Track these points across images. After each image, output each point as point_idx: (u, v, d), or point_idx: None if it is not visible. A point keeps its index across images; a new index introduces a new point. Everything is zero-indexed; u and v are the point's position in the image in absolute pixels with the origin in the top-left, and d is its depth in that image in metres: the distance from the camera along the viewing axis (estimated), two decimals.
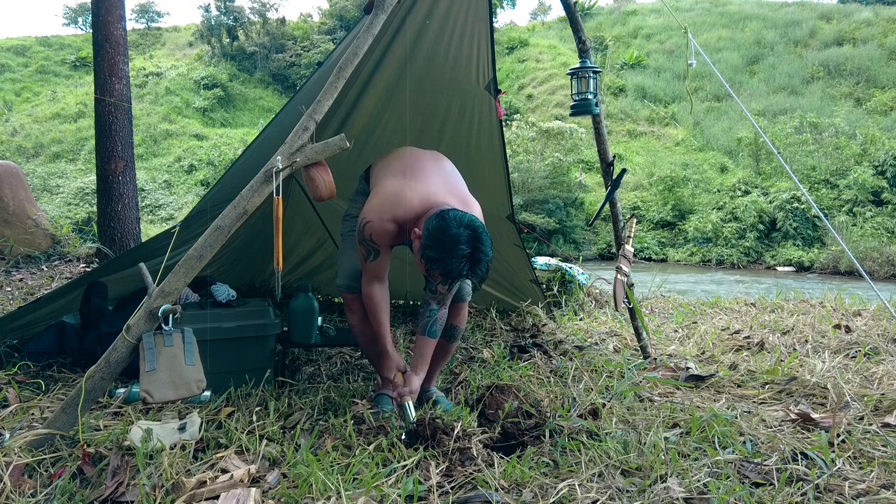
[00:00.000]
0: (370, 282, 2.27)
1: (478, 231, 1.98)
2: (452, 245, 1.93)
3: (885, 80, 22.72)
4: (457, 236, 1.94)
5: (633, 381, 2.69)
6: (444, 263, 1.95)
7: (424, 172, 2.26)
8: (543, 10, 42.91)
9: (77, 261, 5.71)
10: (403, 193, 2.14)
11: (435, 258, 1.96)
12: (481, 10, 2.89)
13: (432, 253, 1.96)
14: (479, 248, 1.96)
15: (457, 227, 1.95)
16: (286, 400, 2.41)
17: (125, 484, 1.67)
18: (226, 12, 33.85)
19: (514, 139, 19.68)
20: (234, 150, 22.90)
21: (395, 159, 2.36)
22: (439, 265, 1.97)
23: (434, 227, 1.98)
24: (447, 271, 1.96)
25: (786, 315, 4.38)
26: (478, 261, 1.97)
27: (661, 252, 18.03)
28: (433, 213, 2.05)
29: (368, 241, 2.17)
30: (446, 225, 1.96)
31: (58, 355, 2.84)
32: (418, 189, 2.16)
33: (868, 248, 14.40)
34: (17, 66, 31.27)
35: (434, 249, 1.96)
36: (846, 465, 1.84)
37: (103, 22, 5.11)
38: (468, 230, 1.96)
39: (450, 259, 1.94)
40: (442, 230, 1.96)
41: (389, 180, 2.23)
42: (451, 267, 1.95)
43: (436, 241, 1.96)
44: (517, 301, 4.36)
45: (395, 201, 2.14)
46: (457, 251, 1.93)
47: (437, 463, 1.83)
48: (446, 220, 1.97)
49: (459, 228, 1.95)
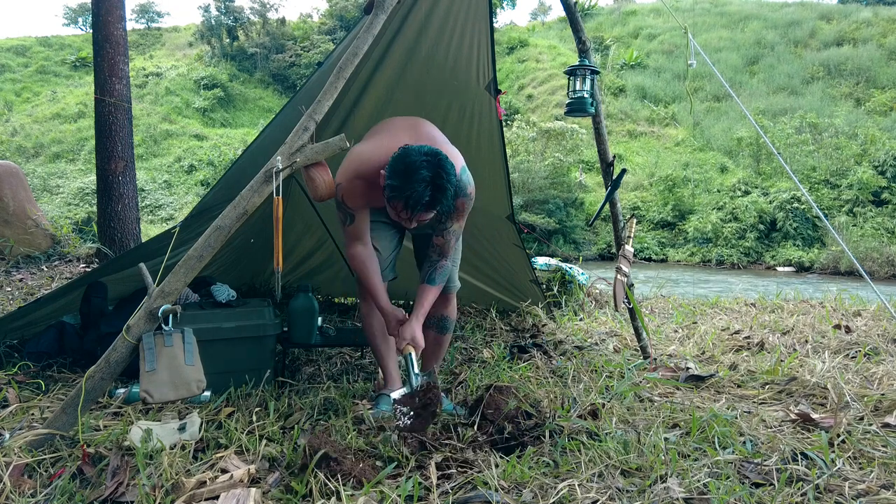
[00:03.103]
0: (352, 244, 2.29)
1: (439, 157, 1.92)
2: (413, 171, 1.88)
3: (885, 80, 22.73)
4: (416, 163, 1.89)
5: (633, 381, 2.69)
6: (403, 190, 1.90)
7: (393, 129, 2.25)
8: (543, 11, 42.95)
9: (77, 261, 5.71)
10: (365, 150, 2.19)
11: (396, 186, 1.91)
12: (481, 11, 2.89)
13: (394, 181, 1.92)
14: (440, 175, 1.90)
15: (417, 154, 1.91)
16: (286, 400, 2.41)
17: (125, 484, 1.67)
18: (226, 12, 33.86)
19: (514, 139, 19.69)
20: (234, 151, 22.91)
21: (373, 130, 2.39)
22: (399, 193, 1.91)
23: (395, 157, 1.95)
24: (407, 198, 1.90)
25: (786, 315, 4.38)
26: (440, 188, 1.90)
27: (661, 252, 18.03)
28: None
29: (342, 204, 2.21)
30: (406, 153, 1.93)
31: (58, 355, 2.84)
32: (384, 144, 2.13)
33: (868, 248, 14.40)
34: (18, 67, 31.28)
35: (395, 178, 1.92)
36: (846, 466, 1.84)
37: (103, 22, 5.12)
38: (428, 157, 1.91)
39: (409, 185, 1.89)
40: (401, 159, 1.92)
41: (358, 145, 2.28)
42: (410, 192, 1.89)
43: (395, 170, 1.92)
44: (517, 301, 4.36)
45: (358, 159, 2.17)
46: (417, 176, 1.88)
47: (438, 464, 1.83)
48: (407, 150, 1.94)
49: (419, 156, 1.91)
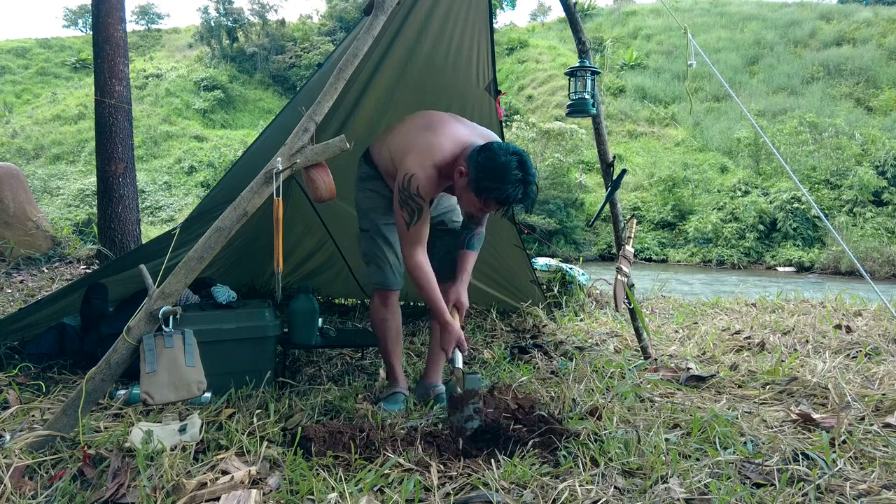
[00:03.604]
0: (415, 251, 2.26)
1: (523, 156, 2.10)
2: (505, 171, 2.04)
3: (885, 80, 22.73)
4: (507, 163, 2.05)
5: (634, 381, 2.69)
6: (500, 191, 2.06)
7: (444, 122, 2.33)
8: (543, 11, 43.00)
9: (77, 262, 5.71)
10: (435, 140, 2.22)
11: (491, 187, 2.06)
12: (481, 11, 2.89)
13: (489, 183, 2.06)
14: (528, 171, 2.08)
15: (505, 154, 2.06)
16: (287, 401, 2.41)
17: (126, 485, 1.67)
18: (225, 14, 33.88)
19: (514, 140, 19.68)
20: (234, 152, 22.93)
21: (408, 122, 2.41)
22: (496, 193, 2.07)
23: (484, 158, 2.08)
24: (504, 197, 2.07)
25: (786, 315, 4.37)
26: (528, 182, 2.08)
27: (662, 252, 18.04)
28: (472, 149, 2.15)
29: (415, 195, 2.18)
30: (495, 154, 2.07)
31: (58, 357, 2.84)
32: (447, 134, 2.25)
33: (868, 248, 14.41)
34: (18, 68, 31.32)
35: (489, 180, 2.06)
36: (847, 466, 1.84)
37: (103, 24, 5.12)
38: (516, 156, 2.07)
39: (505, 185, 2.05)
40: (492, 160, 2.06)
41: (413, 135, 2.29)
42: (507, 193, 2.06)
43: (488, 171, 2.06)
44: (517, 302, 4.36)
45: (430, 149, 2.21)
46: (510, 176, 2.04)
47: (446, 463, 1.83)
48: (493, 150, 2.08)
49: (507, 156, 2.06)
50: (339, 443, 1.94)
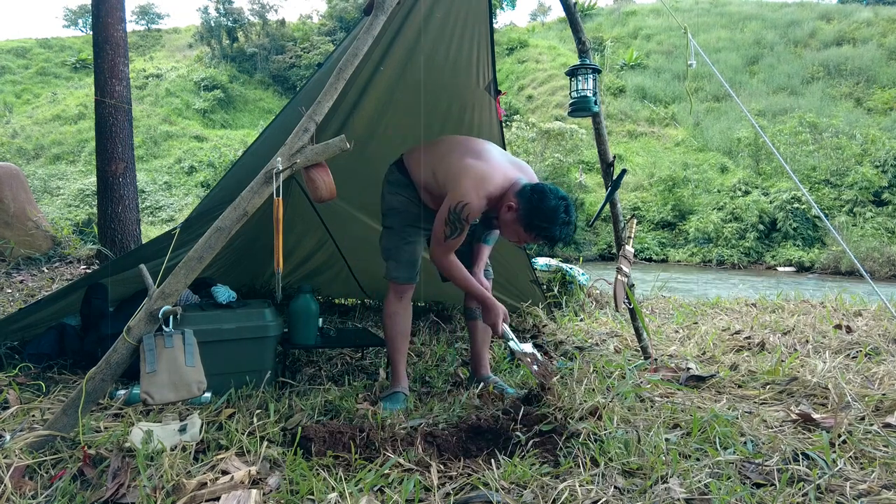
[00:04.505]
0: (447, 255, 2.46)
1: (569, 201, 2.36)
2: (555, 214, 2.30)
3: (885, 80, 22.72)
4: (557, 207, 2.30)
5: (634, 381, 2.68)
6: (549, 230, 2.31)
7: (488, 152, 2.50)
8: (543, 11, 42.99)
9: (77, 262, 5.71)
10: (489, 171, 2.38)
11: (542, 227, 2.31)
12: (481, 11, 2.89)
13: (540, 223, 2.31)
14: (571, 215, 2.35)
15: (555, 199, 2.31)
16: (287, 401, 2.41)
17: (126, 485, 1.67)
18: (225, 14, 33.87)
19: (514, 140, 19.69)
20: (234, 152, 22.93)
21: (452, 145, 2.55)
22: (546, 232, 2.32)
23: (537, 199, 2.31)
24: (552, 236, 2.32)
25: (786, 315, 4.37)
26: (572, 227, 2.36)
27: (662, 252, 18.03)
28: (522, 186, 2.36)
29: (464, 220, 2.35)
30: (546, 197, 2.31)
31: (58, 357, 2.84)
32: (497, 167, 2.43)
33: (869, 248, 14.40)
34: (18, 68, 31.31)
35: (540, 220, 2.30)
36: (847, 466, 1.83)
37: (103, 24, 5.12)
38: (563, 201, 2.33)
39: (553, 227, 2.30)
40: (543, 202, 2.30)
41: (465, 162, 2.41)
42: (555, 233, 2.31)
43: (539, 211, 2.30)
44: (518, 302, 4.36)
45: (485, 180, 2.36)
46: (558, 219, 2.30)
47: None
48: (545, 193, 2.31)
49: (557, 200, 2.31)
50: (339, 443, 1.95)
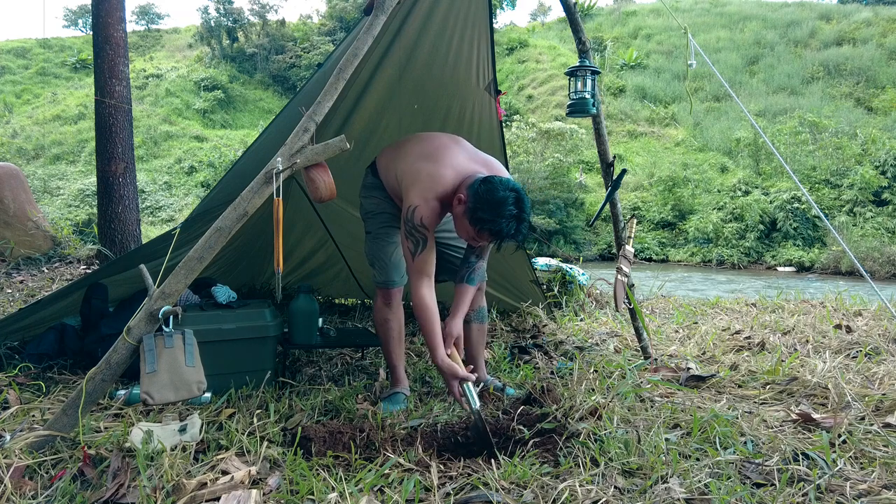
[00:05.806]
0: (420, 283, 2.27)
1: (520, 193, 2.16)
2: (502, 206, 2.10)
3: (885, 80, 22.72)
4: (504, 198, 2.11)
5: (634, 381, 2.68)
6: (494, 223, 2.12)
7: (446, 149, 2.38)
8: (543, 11, 42.97)
9: (77, 262, 5.71)
10: (437, 172, 2.27)
11: (486, 219, 2.12)
12: (481, 11, 2.89)
13: (484, 215, 2.12)
14: (523, 209, 2.14)
15: (503, 189, 2.12)
16: (287, 401, 2.41)
17: (126, 485, 1.67)
18: (225, 14, 33.85)
19: (514, 140, 19.69)
20: (234, 152, 22.90)
21: (412, 146, 2.45)
22: (490, 225, 2.12)
23: (483, 190, 2.13)
24: (497, 231, 2.13)
25: (786, 315, 4.37)
26: (521, 220, 2.14)
27: (662, 252, 18.03)
28: (474, 179, 2.20)
29: (420, 226, 2.24)
30: (493, 188, 2.13)
31: (58, 357, 2.84)
32: (448, 164, 2.30)
33: (869, 248, 14.40)
34: (18, 68, 31.29)
35: (485, 211, 2.12)
36: (847, 466, 1.83)
37: (103, 24, 5.12)
38: (513, 192, 2.13)
39: (499, 219, 2.11)
40: (490, 193, 2.12)
41: (417, 165, 2.33)
42: (500, 227, 2.12)
43: (485, 203, 2.12)
44: (517, 302, 4.36)
45: (433, 181, 2.26)
46: (505, 211, 2.10)
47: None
48: (493, 184, 2.14)
49: (506, 191, 2.12)
50: (339, 443, 1.95)
